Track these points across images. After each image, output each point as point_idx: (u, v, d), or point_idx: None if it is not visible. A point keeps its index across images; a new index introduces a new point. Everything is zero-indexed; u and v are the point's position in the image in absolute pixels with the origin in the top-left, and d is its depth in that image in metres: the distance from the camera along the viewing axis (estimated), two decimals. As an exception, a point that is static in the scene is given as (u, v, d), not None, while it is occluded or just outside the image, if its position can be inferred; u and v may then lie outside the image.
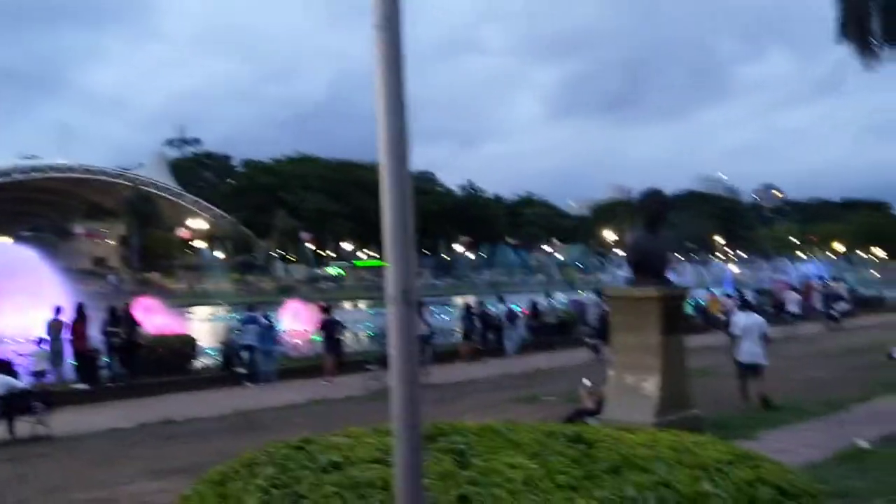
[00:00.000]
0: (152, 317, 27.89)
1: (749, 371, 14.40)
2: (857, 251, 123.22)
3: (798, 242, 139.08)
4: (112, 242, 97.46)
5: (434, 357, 21.91)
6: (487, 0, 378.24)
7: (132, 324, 19.77)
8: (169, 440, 13.30)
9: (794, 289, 38.44)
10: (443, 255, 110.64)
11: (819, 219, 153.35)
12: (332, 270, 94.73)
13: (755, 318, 15.14)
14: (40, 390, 16.00)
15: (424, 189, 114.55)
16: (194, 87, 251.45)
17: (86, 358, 19.17)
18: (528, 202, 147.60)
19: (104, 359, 19.65)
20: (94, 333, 19.75)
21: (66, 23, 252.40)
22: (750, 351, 14.36)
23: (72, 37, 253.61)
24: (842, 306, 37.18)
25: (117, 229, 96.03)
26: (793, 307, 33.69)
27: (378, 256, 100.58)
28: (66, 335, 19.59)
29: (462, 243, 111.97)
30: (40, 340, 19.65)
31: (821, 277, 45.85)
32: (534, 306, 29.68)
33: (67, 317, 19.69)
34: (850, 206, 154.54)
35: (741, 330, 14.70)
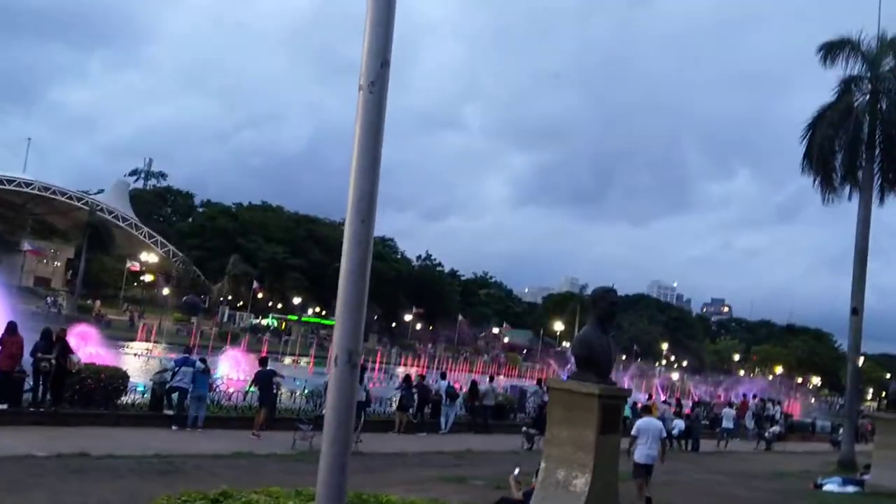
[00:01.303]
0: (86, 345, 27.22)
1: (643, 470, 14.70)
2: (795, 377, 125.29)
3: (740, 360, 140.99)
4: (58, 264, 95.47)
5: (367, 425, 21.57)
6: (471, 81, 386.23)
7: (65, 349, 19.15)
8: (82, 474, 12.81)
9: (730, 405, 38.84)
10: (392, 322, 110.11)
11: (762, 340, 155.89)
12: (267, 321, 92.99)
13: (653, 422, 15.71)
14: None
15: (382, 255, 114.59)
16: (169, 120, 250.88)
17: (11, 379, 18.50)
18: (482, 282, 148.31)
19: (29, 381, 18.98)
20: (24, 354, 19.10)
21: (51, 37, 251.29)
22: (646, 453, 14.68)
23: (55, 52, 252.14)
24: (774, 429, 37.59)
25: (66, 251, 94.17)
26: (727, 423, 33.96)
27: (325, 314, 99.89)
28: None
29: (412, 314, 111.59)
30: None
31: (755, 396, 46.38)
32: (473, 386, 29.49)
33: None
34: (793, 332, 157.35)
35: (638, 431, 15.04)
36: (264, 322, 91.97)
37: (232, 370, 31.80)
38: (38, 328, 20.51)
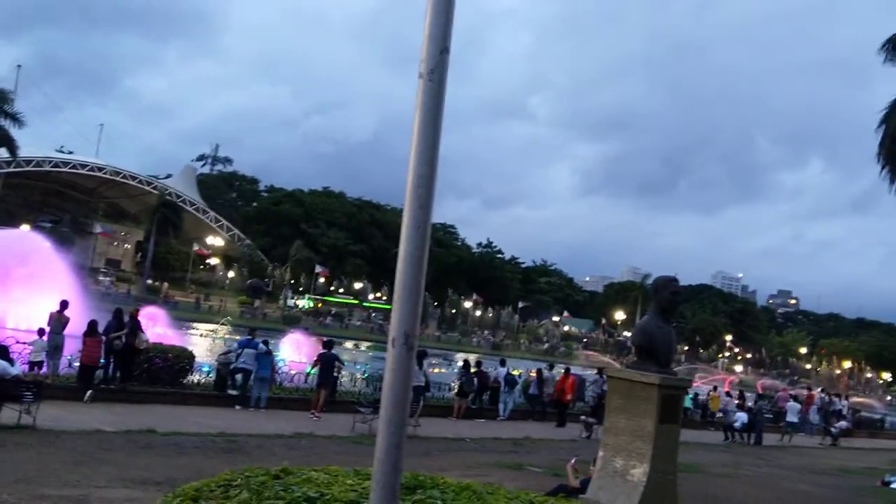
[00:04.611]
0: (153, 326, 27.96)
1: None
2: (864, 371, 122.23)
3: (807, 353, 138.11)
4: (128, 246, 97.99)
5: (426, 409, 21.72)
6: (539, 71, 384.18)
7: (136, 329, 19.67)
8: (149, 450, 13.20)
9: (795, 398, 38.04)
10: (451, 309, 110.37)
11: (831, 333, 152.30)
12: (305, 302, 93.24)
13: None
14: (32, 380, 15.95)
15: (444, 242, 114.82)
16: (240, 108, 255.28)
17: (90, 370, 18.89)
18: (543, 270, 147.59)
19: (100, 360, 19.52)
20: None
21: (130, 28, 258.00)
22: None
23: (133, 43, 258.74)
24: (841, 424, 36.71)
25: (136, 234, 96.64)
26: (792, 417, 33.29)
27: (385, 299, 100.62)
28: (69, 335, 19.54)
29: (472, 301, 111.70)
30: (41, 331, 19.66)
31: (823, 391, 45.38)
32: (540, 373, 29.26)
33: (70, 312, 19.71)
34: (863, 326, 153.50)
35: None
36: (301, 304, 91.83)
37: (293, 352, 32.36)
38: (109, 308, 21.13)
